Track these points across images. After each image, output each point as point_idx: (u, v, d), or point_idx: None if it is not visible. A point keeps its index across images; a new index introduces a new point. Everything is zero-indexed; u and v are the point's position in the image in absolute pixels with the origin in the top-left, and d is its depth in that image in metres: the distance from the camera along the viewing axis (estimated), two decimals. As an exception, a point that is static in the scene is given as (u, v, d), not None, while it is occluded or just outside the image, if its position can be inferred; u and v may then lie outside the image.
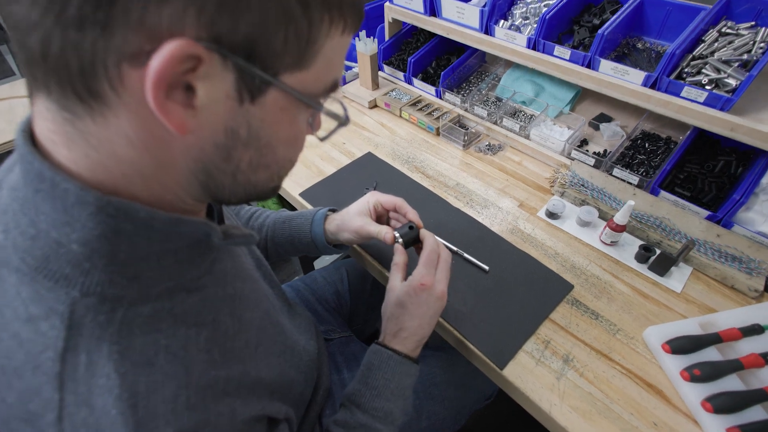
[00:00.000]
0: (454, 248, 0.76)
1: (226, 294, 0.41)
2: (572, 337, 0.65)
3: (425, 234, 0.59)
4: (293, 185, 0.91)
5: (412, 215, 0.63)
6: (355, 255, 0.81)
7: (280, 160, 0.36)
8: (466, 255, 0.75)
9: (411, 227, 0.60)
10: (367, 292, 0.94)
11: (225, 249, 0.43)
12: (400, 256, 0.60)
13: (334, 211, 0.72)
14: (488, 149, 0.97)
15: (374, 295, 0.94)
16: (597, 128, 0.95)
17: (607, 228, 0.75)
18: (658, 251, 0.72)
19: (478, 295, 0.70)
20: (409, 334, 0.57)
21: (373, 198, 0.67)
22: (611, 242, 0.76)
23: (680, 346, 0.60)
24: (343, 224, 0.67)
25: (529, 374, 0.61)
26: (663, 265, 0.70)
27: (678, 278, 0.71)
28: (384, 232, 0.63)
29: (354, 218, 0.66)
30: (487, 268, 0.73)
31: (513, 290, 0.70)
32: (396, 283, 0.58)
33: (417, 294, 0.56)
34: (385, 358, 0.56)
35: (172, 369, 0.32)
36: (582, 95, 1.02)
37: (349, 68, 1.24)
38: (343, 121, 0.35)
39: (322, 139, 0.39)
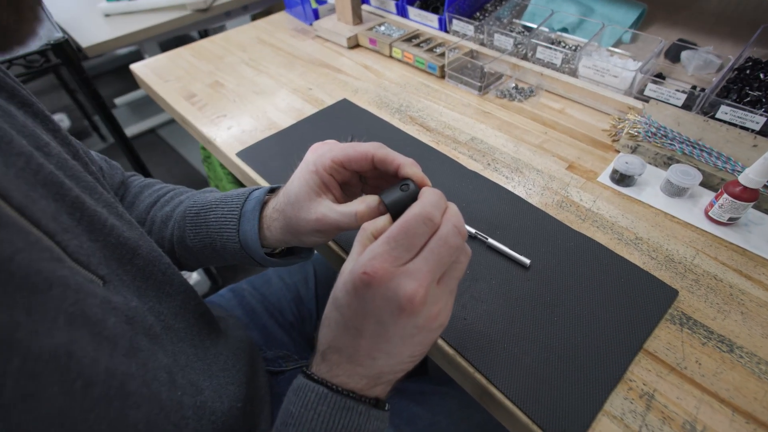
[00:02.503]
0: (473, 230, 0.47)
1: None
2: (692, 386, 0.35)
3: (423, 191, 0.29)
4: (232, 142, 0.61)
5: (409, 167, 0.33)
6: (321, 249, 0.52)
7: None
8: (491, 241, 0.46)
9: (404, 187, 0.30)
10: None
11: None
12: (373, 223, 0.30)
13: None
14: (516, 92, 0.68)
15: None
16: (676, 59, 0.66)
17: (724, 196, 0.46)
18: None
19: (514, 308, 0.41)
20: (344, 360, 0.28)
21: (323, 157, 0.35)
22: (729, 220, 0.47)
23: None
24: (291, 223, 0.37)
25: (626, 464, 0.32)
26: (834, 255, 0.41)
27: None
28: (355, 212, 0.33)
29: (304, 207, 0.35)
30: (527, 261, 0.44)
31: (573, 298, 0.41)
32: (346, 265, 0.29)
33: (356, 291, 0.26)
34: (311, 403, 0.28)
35: None
36: (648, 17, 0.72)
37: (323, 2, 0.94)
38: None
39: None
